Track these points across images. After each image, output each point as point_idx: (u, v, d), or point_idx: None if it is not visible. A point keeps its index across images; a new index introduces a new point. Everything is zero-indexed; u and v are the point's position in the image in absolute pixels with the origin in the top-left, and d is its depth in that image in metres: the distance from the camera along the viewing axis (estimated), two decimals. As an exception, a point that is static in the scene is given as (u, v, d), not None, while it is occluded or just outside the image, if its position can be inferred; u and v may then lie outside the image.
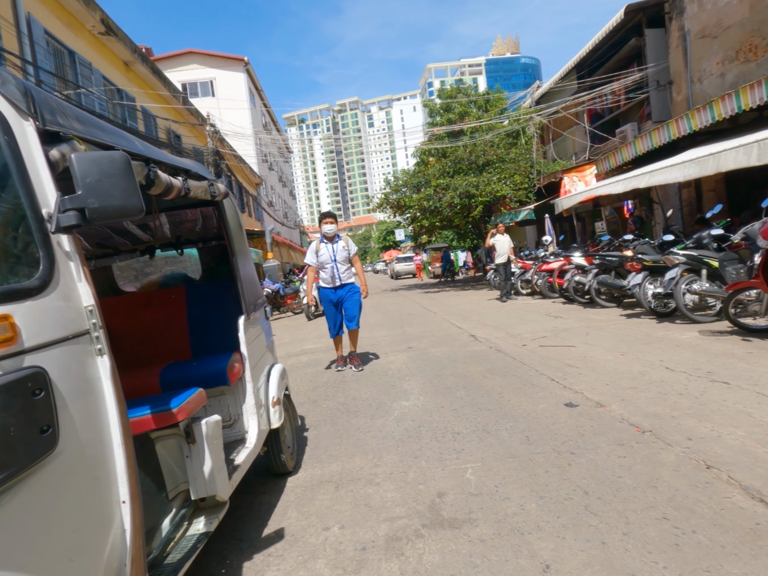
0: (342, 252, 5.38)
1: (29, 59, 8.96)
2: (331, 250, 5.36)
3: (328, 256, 5.34)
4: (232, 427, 2.56)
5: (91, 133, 1.44)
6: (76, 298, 1.23)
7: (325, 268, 5.37)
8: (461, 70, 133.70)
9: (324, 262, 5.37)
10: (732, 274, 5.41)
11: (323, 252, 5.37)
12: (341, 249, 5.39)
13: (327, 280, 5.39)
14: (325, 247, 5.38)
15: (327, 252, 5.35)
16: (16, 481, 0.97)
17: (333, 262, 5.34)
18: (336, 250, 5.36)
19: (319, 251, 5.38)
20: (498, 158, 16.03)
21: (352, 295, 5.44)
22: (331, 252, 5.35)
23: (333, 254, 5.34)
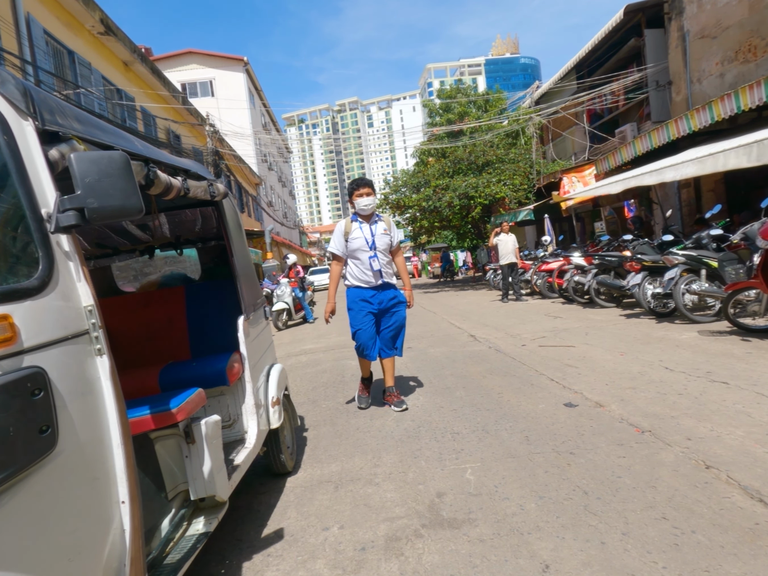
0: (383, 237, 3.81)
1: (28, 59, 8.96)
2: (369, 232, 3.79)
3: (364, 241, 3.77)
4: (232, 427, 2.55)
5: (91, 133, 1.44)
6: (75, 298, 1.23)
7: (359, 260, 3.79)
8: (461, 70, 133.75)
9: (357, 251, 3.78)
10: (731, 275, 5.42)
11: (357, 236, 3.77)
12: (382, 233, 3.81)
13: (361, 276, 3.80)
14: (359, 229, 3.79)
15: (362, 236, 3.78)
16: (15, 481, 0.97)
17: (371, 250, 3.77)
18: (375, 234, 3.79)
19: (350, 234, 3.80)
20: (497, 158, 16.04)
21: (397, 307, 3.86)
22: (368, 236, 3.78)
23: (371, 239, 3.77)
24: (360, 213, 3.82)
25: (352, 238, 3.79)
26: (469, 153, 16.35)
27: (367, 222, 3.83)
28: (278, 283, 11.02)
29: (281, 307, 10.57)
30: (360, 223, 3.82)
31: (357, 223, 3.83)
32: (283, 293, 10.80)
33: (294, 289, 11.25)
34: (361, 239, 3.77)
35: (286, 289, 10.86)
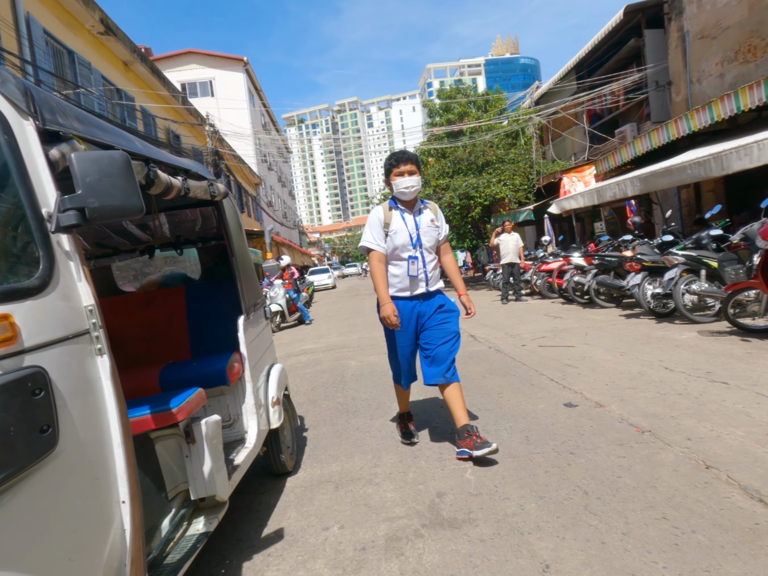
0: (430, 231, 2.92)
1: (28, 59, 8.95)
2: (413, 225, 2.89)
3: (407, 236, 2.86)
4: (232, 427, 2.55)
5: (91, 133, 1.44)
6: (75, 297, 1.23)
7: (398, 260, 2.89)
8: (460, 70, 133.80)
9: (398, 249, 2.87)
10: (731, 275, 5.42)
11: (398, 228, 2.87)
12: (428, 225, 2.92)
13: (399, 282, 2.91)
14: (400, 220, 2.89)
15: (405, 229, 2.87)
16: (16, 481, 0.97)
17: (415, 248, 2.87)
18: (419, 225, 2.90)
19: (390, 225, 2.89)
20: (497, 159, 16.04)
21: (447, 318, 2.93)
22: (412, 229, 2.88)
23: (416, 234, 2.87)
24: (399, 198, 2.90)
25: (393, 232, 2.84)
26: (468, 153, 16.35)
27: (410, 210, 2.90)
28: (271, 285, 10.97)
29: (274, 309, 10.55)
30: (402, 211, 2.89)
31: (397, 212, 2.89)
32: (277, 295, 10.77)
33: (288, 290, 11.23)
34: (403, 233, 2.83)
35: (279, 291, 10.84)
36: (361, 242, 2.95)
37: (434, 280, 2.95)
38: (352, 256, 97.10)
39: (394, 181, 2.87)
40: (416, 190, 2.87)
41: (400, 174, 2.86)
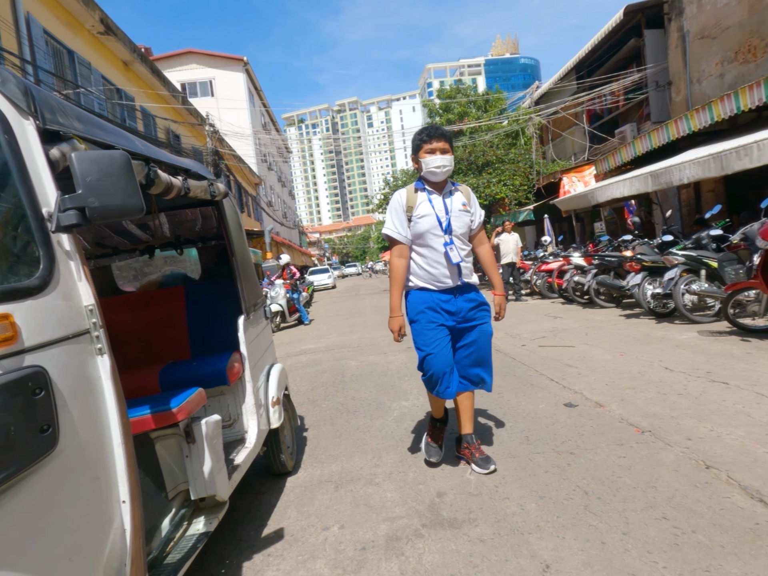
0: (462, 216, 2.58)
1: (28, 59, 8.95)
2: (442, 208, 2.55)
3: (436, 221, 2.52)
4: (232, 427, 2.55)
5: (92, 133, 1.44)
6: (76, 297, 1.22)
7: (427, 249, 2.55)
8: (460, 70, 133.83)
9: (425, 235, 2.53)
10: (731, 275, 5.42)
11: (425, 212, 2.53)
12: (460, 210, 2.58)
13: (429, 273, 2.56)
14: (428, 203, 2.55)
15: (433, 212, 2.53)
16: (16, 480, 0.97)
17: (445, 235, 2.53)
18: (451, 209, 2.56)
19: (416, 209, 2.55)
20: (497, 159, 16.05)
21: (480, 317, 2.62)
22: (441, 213, 2.54)
23: (446, 218, 2.53)
24: (428, 178, 2.55)
25: (418, 216, 2.50)
26: (468, 153, 16.36)
27: (439, 193, 2.57)
28: (272, 284, 10.96)
29: (275, 309, 10.54)
30: (429, 193, 2.56)
31: (425, 194, 2.56)
32: (277, 295, 10.76)
33: (288, 290, 11.23)
34: (430, 218, 2.49)
35: (280, 291, 10.83)
36: (384, 229, 2.62)
37: (468, 272, 2.58)
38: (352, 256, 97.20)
39: (424, 159, 2.53)
40: (448, 171, 2.53)
41: (431, 151, 2.51)
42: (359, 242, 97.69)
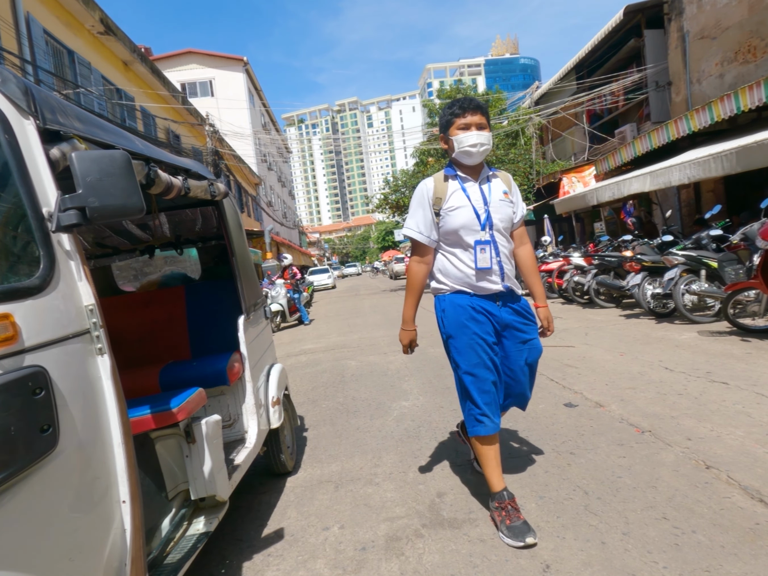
0: (503, 207, 2.12)
1: (28, 59, 8.95)
2: (480, 197, 2.10)
3: (473, 214, 2.07)
4: (232, 427, 2.55)
5: (92, 132, 1.44)
6: (76, 297, 1.22)
7: (461, 248, 2.11)
8: (460, 70, 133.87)
9: (460, 231, 2.08)
10: (731, 275, 5.42)
11: (458, 203, 2.09)
12: (501, 199, 2.13)
13: (466, 276, 2.10)
14: (461, 192, 2.11)
15: (468, 204, 2.08)
16: (16, 480, 0.97)
17: (484, 230, 2.08)
18: (490, 200, 2.10)
19: (445, 201, 2.11)
20: (497, 159, 16.04)
21: (529, 331, 2.19)
22: (479, 204, 2.09)
23: (484, 210, 2.08)
24: (461, 161, 2.10)
25: (450, 209, 2.06)
26: (468, 153, 16.33)
27: (474, 179, 2.11)
28: (273, 284, 10.96)
29: (275, 309, 10.55)
30: (462, 180, 2.11)
31: (457, 182, 2.11)
32: (278, 294, 10.76)
33: (288, 290, 11.23)
34: (465, 210, 2.04)
35: (281, 291, 10.83)
36: (404, 228, 2.21)
37: (511, 275, 2.13)
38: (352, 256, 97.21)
39: (456, 136, 2.06)
40: (486, 151, 2.06)
41: (465, 127, 2.05)
42: (359, 242, 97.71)
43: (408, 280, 2.20)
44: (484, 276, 2.07)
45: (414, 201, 2.18)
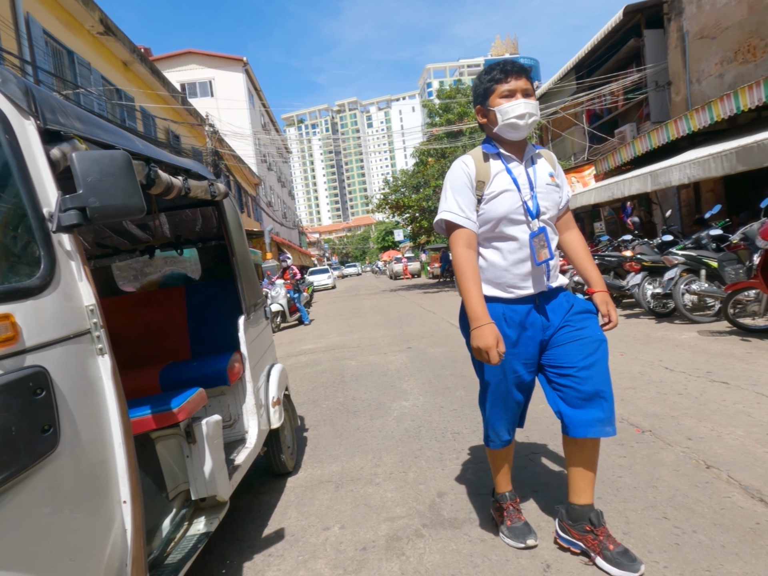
0: (550, 191, 1.81)
1: (28, 59, 8.94)
2: (526, 180, 1.78)
3: (516, 198, 1.74)
4: (232, 427, 2.55)
5: (92, 133, 1.44)
6: (77, 297, 1.22)
7: (502, 240, 1.78)
8: (460, 70, 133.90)
9: (503, 221, 1.75)
10: (731, 275, 5.42)
11: (502, 187, 1.75)
12: (548, 182, 1.81)
13: (501, 276, 1.79)
14: (505, 174, 1.77)
15: (513, 188, 1.75)
16: (17, 480, 0.97)
17: (533, 218, 1.76)
18: (535, 182, 1.78)
19: (489, 183, 1.76)
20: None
21: (583, 320, 1.80)
22: (525, 187, 1.77)
23: (530, 195, 1.76)
24: (505, 136, 1.77)
25: (492, 194, 1.74)
26: (468, 153, 16.33)
27: (519, 159, 1.80)
28: (273, 284, 10.96)
29: (275, 309, 10.54)
30: (506, 160, 1.79)
31: (499, 162, 1.79)
32: (278, 294, 10.76)
33: (289, 290, 11.23)
34: (511, 196, 1.74)
35: (281, 291, 10.83)
36: (439, 214, 1.80)
37: (555, 271, 1.83)
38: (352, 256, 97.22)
39: (499, 106, 1.71)
40: (534, 123, 1.73)
41: (509, 94, 1.71)
42: (359, 242, 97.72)
43: (461, 270, 1.71)
44: (529, 275, 1.76)
45: (451, 183, 1.78)
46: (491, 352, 1.61)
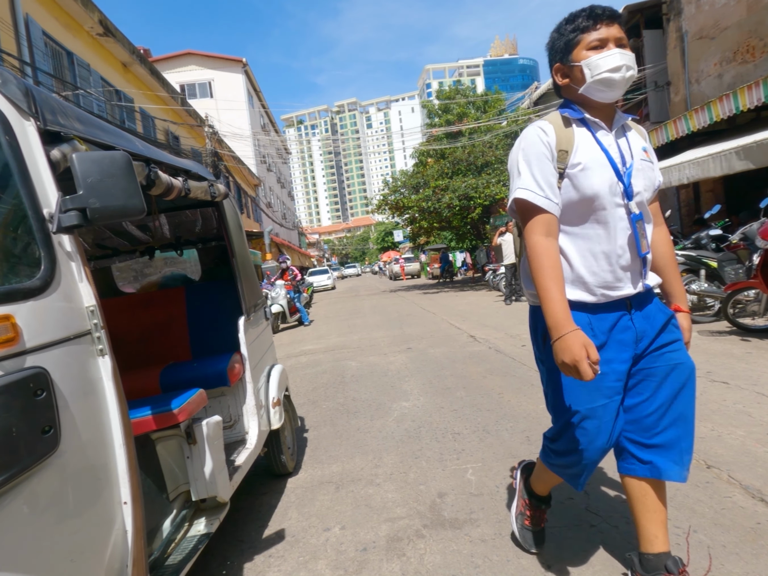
0: (646, 169, 1.46)
1: (27, 60, 8.95)
2: (617, 152, 1.42)
3: (609, 173, 1.39)
4: (233, 428, 2.55)
5: (92, 134, 1.44)
6: (77, 298, 1.22)
7: (591, 226, 1.42)
8: (459, 71, 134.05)
9: (595, 199, 1.38)
10: (730, 275, 5.43)
11: (592, 159, 1.39)
12: (642, 158, 1.46)
13: (590, 274, 1.42)
14: (595, 144, 1.42)
15: (602, 158, 1.40)
16: (18, 482, 0.97)
17: (629, 199, 1.40)
18: (628, 156, 1.43)
19: (574, 153, 1.39)
20: (496, 159, 16.07)
21: (678, 345, 1.46)
22: (618, 160, 1.41)
23: (625, 171, 1.41)
24: (593, 98, 1.45)
25: (579, 168, 1.40)
26: (468, 154, 16.38)
27: (607, 127, 1.48)
28: (273, 285, 10.96)
29: (276, 310, 10.54)
30: (593, 128, 1.47)
31: (584, 129, 1.46)
32: (278, 295, 10.75)
33: (289, 291, 11.23)
34: (604, 171, 1.40)
35: (281, 291, 10.83)
36: (511, 194, 1.44)
37: (648, 267, 1.49)
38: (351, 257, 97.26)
39: (587, 59, 1.38)
40: (632, 79, 1.39)
41: (600, 44, 1.38)
42: (358, 243, 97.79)
43: (538, 264, 1.35)
44: (625, 271, 1.41)
45: (526, 153, 1.42)
46: (581, 365, 1.25)
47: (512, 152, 1.49)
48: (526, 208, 1.40)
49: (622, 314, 1.43)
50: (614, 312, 1.43)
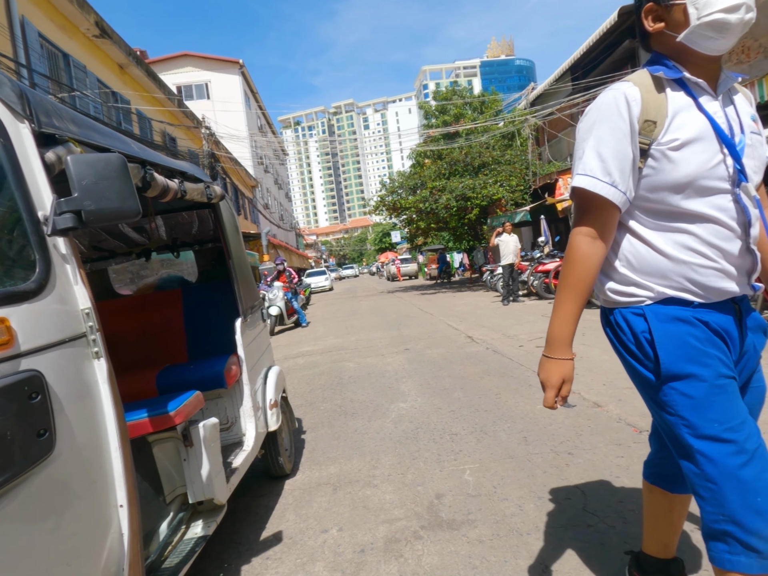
0: (755, 142, 1.13)
1: (23, 62, 8.92)
2: (725, 121, 1.08)
3: (716, 151, 1.06)
4: (230, 429, 2.55)
5: (87, 136, 1.43)
6: (72, 300, 1.22)
7: (692, 214, 1.09)
8: (456, 72, 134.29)
9: (696, 182, 1.06)
10: None
11: (694, 131, 1.06)
12: (752, 129, 1.13)
13: (693, 269, 1.10)
14: (696, 111, 1.07)
15: (710, 133, 1.06)
16: (13, 485, 0.96)
17: (737, 183, 1.07)
18: (741, 125, 1.12)
19: (670, 123, 1.07)
20: (493, 160, 16.10)
21: (759, 366, 1.22)
22: (726, 129, 1.07)
23: (738, 145, 1.08)
24: (696, 49, 1.08)
25: (674, 143, 1.07)
26: (465, 154, 16.40)
27: (712, 91, 1.12)
28: (270, 286, 10.94)
29: (274, 312, 10.52)
30: (693, 92, 1.11)
31: (681, 93, 1.11)
32: (276, 297, 10.73)
33: (286, 293, 11.22)
34: (706, 146, 1.07)
35: (278, 293, 10.81)
36: (573, 180, 1.20)
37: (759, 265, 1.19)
38: (349, 258, 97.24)
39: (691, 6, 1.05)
40: (750, 23, 1.05)
41: None
42: (356, 244, 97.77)
43: (568, 272, 1.19)
44: (737, 265, 1.13)
45: (597, 126, 1.14)
46: (549, 392, 1.19)
47: (581, 124, 1.19)
48: (584, 197, 1.16)
49: (729, 318, 1.16)
50: (723, 314, 1.15)
